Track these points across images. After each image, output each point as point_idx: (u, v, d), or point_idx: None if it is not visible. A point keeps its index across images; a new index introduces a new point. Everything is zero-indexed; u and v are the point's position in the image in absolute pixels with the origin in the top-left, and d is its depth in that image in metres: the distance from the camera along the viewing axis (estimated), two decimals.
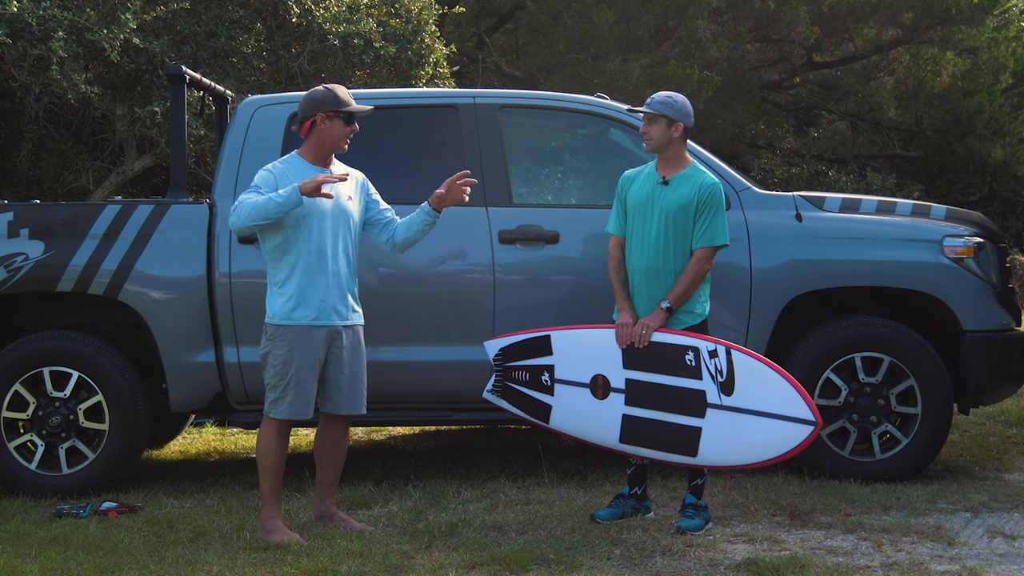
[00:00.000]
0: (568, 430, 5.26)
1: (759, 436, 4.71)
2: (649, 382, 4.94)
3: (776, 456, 4.71)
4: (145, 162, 11.31)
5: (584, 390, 5.13)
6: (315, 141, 4.93)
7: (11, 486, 5.79)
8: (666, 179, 5.04)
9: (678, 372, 4.86)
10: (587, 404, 5.12)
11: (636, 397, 4.98)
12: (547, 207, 6.10)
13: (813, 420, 4.60)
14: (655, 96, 5.05)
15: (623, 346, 4.99)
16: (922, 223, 6.00)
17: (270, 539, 4.73)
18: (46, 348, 5.84)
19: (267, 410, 4.90)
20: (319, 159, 4.95)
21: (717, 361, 4.76)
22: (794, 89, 19.84)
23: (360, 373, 5.04)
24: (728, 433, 4.75)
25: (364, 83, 11.08)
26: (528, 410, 5.31)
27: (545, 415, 5.24)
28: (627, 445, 5.01)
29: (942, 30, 17.13)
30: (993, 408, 7.82)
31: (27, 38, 9.16)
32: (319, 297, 4.86)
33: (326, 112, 4.88)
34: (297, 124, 4.96)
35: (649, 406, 4.94)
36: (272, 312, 4.87)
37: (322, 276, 4.87)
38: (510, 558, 4.42)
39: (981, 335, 5.84)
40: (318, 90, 4.96)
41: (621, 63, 15.13)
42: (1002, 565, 4.40)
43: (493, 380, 5.41)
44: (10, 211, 5.86)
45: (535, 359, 5.29)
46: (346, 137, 4.96)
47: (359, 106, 4.99)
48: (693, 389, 4.82)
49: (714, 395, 4.77)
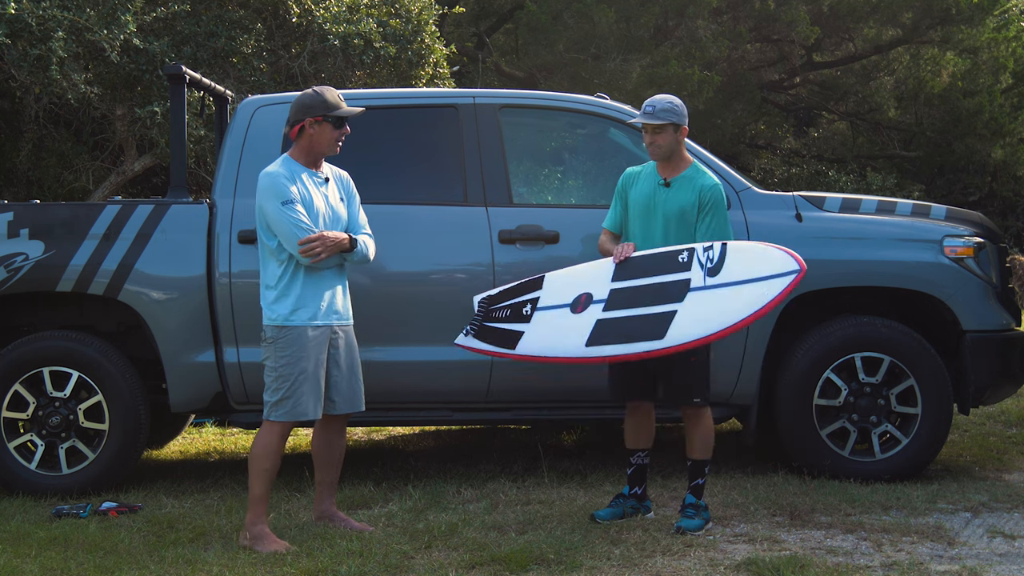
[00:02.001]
0: (531, 351, 5.08)
1: (734, 303, 4.57)
2: (634, 286, 4.88)
3: (752, 313, 4.54)
4: (145, 162, 11.32)
5: (563, 309, 5.08)
6: (305, 145, 4.90)
7: (11, 486, 5.79)
8: (667, 181, 5.04)
9: (668, 270, 4.81)
10: (561, 321, 5.02)
11: (616, 302, 4.89)
12: (547, 207, 6.10)
13: (797, 268, 4.52)
14: (656, 104, 4.99)
15: (619, 260, 4.98)
16: (922, 223, 6.00)
17: (259, 548, 4.68)
18: (46, 348, 5.83)
19: (267, 414, 4.85)
20: (310, 162, 4.93)
21: (711, 253, 4.74)
22: (794, 89, 19.85)
23: (358, 372, 5.06)
24: (701, 310, 4.62)
25: (364, 83, 11.09)
26: (495, 341, 5.18)
27: (513, 342, 5.12)
28: (592, 347, 4.84)
29: (942, 30, 17.14)
30: (993, 408, 7.82)
31: (27, 38, 9.16)
32: (319, 298, 4.87)
33: (315, 117, 4.86)
34: (287, 127, 4.94)
35: (627, 306, 4.83)
36: (272, 315, 4.85)
37: (321, 277, 4.88)
38: (510, 558, 4.42)
39: (981, 335, 5.84)
40: (307, 94, 4.92)
41: (621, 63, 15.13)
42: (1002, 565, 4.40)
43: (468, 326, 5.38)
44: (10, 211, 5.86)
45: (521, 296, 5.29)
46: (336, 140, 4.93)
47: (348, 108, 4.95)
48: (679, 280, 4.76)
49: (699, 280, 4.69)
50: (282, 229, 4.76)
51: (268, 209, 4.78)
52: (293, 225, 4.74)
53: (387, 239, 5.74)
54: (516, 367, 5.71)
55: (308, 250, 4.76)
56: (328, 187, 4.97)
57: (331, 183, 5.01)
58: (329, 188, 4.97)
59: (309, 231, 4.76)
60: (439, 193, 5.97)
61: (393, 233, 5.78)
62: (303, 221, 4.76)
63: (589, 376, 5.63)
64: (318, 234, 4.77)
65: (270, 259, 4.89)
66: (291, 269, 4.84)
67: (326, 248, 4.79)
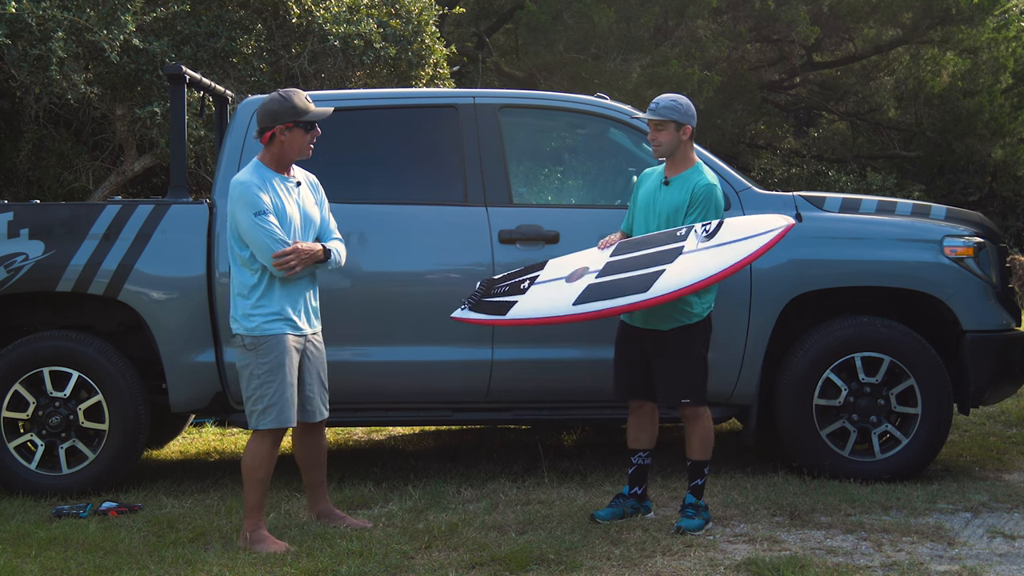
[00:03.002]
0: (520, 315, 5.03)
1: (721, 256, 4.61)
2: (629, 256, 4.90)
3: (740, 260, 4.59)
4: (145, 162, 11.31)
5: (559, 281, 5.10)
6: (277, 152, 4.83)
7: (11, 486, 5.79)
8: (668, 180, 5.06)
9: (664, 243, 4.85)
10: (554, 291, 5.04)
11: (609, 270, 4.91)
12: (547, 207, 6.10)
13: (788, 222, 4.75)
14: (659, 101, 5.03)
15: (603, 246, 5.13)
16: (922, 223, 6.00)
17: (259, 549, 4.68)
18: (46, 348, 5.83)
19: (255, 424, 4.80)
20: (281, 167, 4.87)
21: (708, 227, 4.80)
22: (794, 89, 19.84)
23: (326, 379, 5.05)
24: (688, 266, 4.63)
25: (364, 84, 11.09)
26: (488, 311, 5.17)
27: (504, 310, 5.10)
28: (579, 305, 4.80)
29: (942, 30, 17.13)
30: (993, 408, 7.82)
31: (27, 38, 9.16)
32: (295, 306, 4.84)
33: (285, 123, 4.80)
34: (257, 133, 4.86)
35: (619, 272, 4.84)
36: (250, 324, 4.79)
37: (295, 285, 4.86)
38: (510, 558, 4.42)
39: (981, 335, 5.84)
40: (274, 99, 4.83)
41: (621, 63, 15.13)
42: (1002, 565, 4.40)
43: (467, 301, 5.39)
44: (10, 211, 5.85)
45: (523, 276, 5.34)
46: (308, 144, 4.88)
47: (318, 111, 4.87)
48: (672, 248, 4.79)
49: (692, 246, 4.72)
50: (256, 241, 4.70)
51: (241, 220, 4.72)
52: (267, 237, 4.68)
53: (387, 239, 5.75)
54: (516, 367, 5.72)
55: (282, 264, 4.71)
56: (301, 191, 4.92)
57: (303, 187, 4.96)
58: (302, 192, 4.93)
59: (283, 244, 4.71)
60: (439, 193, 5.96)
61: (393, 233, 5.79)
62: (276, 233, 4.70)
63: (589, 377, 5.65)
64: (292, 247, 4.73)
65: (243, 268, 4.82)
66: (266, 278, 4.79)
67: (300, 261, 4.75)
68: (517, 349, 5.74)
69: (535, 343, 5.72)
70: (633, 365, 5.08)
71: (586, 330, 5.65)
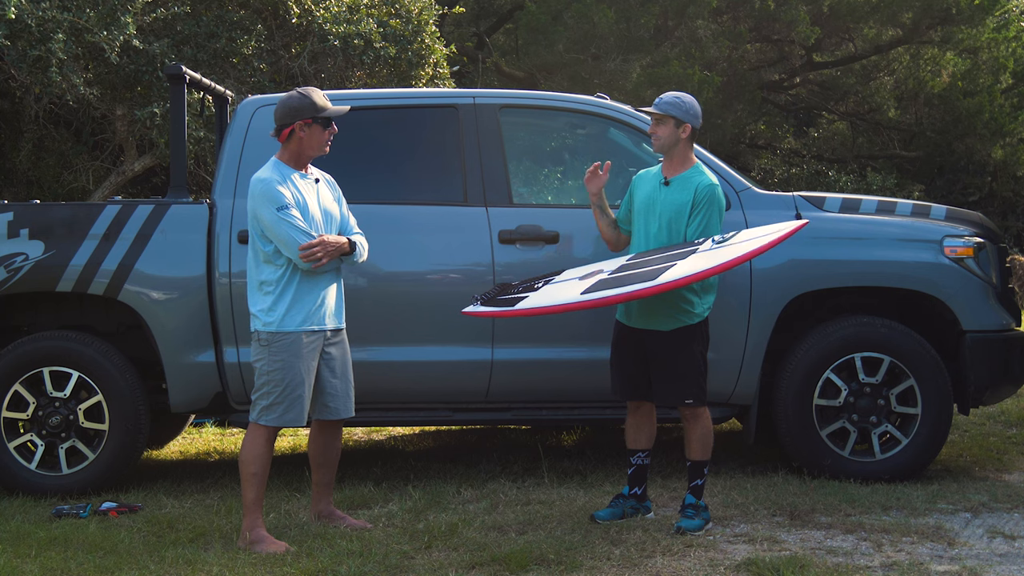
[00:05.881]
0: (529, 305, 5.03)
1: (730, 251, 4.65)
2: (645, 258, 4.92)
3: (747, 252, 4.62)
4: (145, 162, 11.32)
5: (572, 280, 5.12)
6: (295, 148, 4.87)
7: (11, 486, 5.79)
8: (668, 180, 5.06)
9: (681, 247, 4.88)
10: (565, 287, 5.06)
11: (622, 270, 4.91)
12: (547, 207, 6.11)
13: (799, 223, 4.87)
14: (663, 96, 5.07)
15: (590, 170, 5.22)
16: (922, 223, 6.00)
17: (259, 549, 4.68)
18: (46, 348, 5.83)
19: (256, 417, 4.83)
20: (299, 165, 4.91)
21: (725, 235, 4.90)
22: (794, 89, 19.85)
23: (351, 376, 5.06)
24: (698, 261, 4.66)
25: (364, 83, 11.10)
26: (499, 305, 5.18)
27: (513, 304, 5.11)
28: (587, 294, 4.82)
29: (942, 30, 17.14)
30: (993, 408, 7.82)
31: (27, 39, 9.16)
32: (314, 303, 4.85)
33: (304, 119, 4.84)
34: (275, 131, 4.90)
35: (631, 271, 4.85)
36: (268, 319, 4.81)
37: (317, 281, 4.87)
38: (510, 558, 4.42)
39: (981, 335, 5.84)
40: (293, 96, 4.88)
41: (621, 63, 15.13)
42: (1002, 565, 4.40)
43: (481, 297, 5.40)
44: (10, 211, 5.86)
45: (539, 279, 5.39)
46: (327, 141, 4.92)
47: (336, 108, 4.93)
48: (687, 250, 4.81)
49: (706, 248, 4.77)
50: (281, 235, 4.73)
51: (264, 215, 4.75)
52: (292, 230, 4.72)
53: (387, 239, 5.74)
54: (516, 367, 5.72)
55: (309, 255, 4.73)
56: (320, 188, 4.96)
57: (322, 184, 5.00)
58: (321, 188, 4.96)
59: (309, 236, 4.74)
60: (439, 193, 5.96)
61: (393, 233, 5.78)
62: (301, 226, 4.74)
63: (589, 377, 5.65)
64: (318, 239, 4.76)
65: (264, 264, 4.84)
66: (287, 274, 4.81)
67: (327, 253, 4.78)
68: (517, 349, 5.74)
69: (535, 343, 5.73)
70: (631, 365, 5.08)
71: (586, 330, 5.65)
